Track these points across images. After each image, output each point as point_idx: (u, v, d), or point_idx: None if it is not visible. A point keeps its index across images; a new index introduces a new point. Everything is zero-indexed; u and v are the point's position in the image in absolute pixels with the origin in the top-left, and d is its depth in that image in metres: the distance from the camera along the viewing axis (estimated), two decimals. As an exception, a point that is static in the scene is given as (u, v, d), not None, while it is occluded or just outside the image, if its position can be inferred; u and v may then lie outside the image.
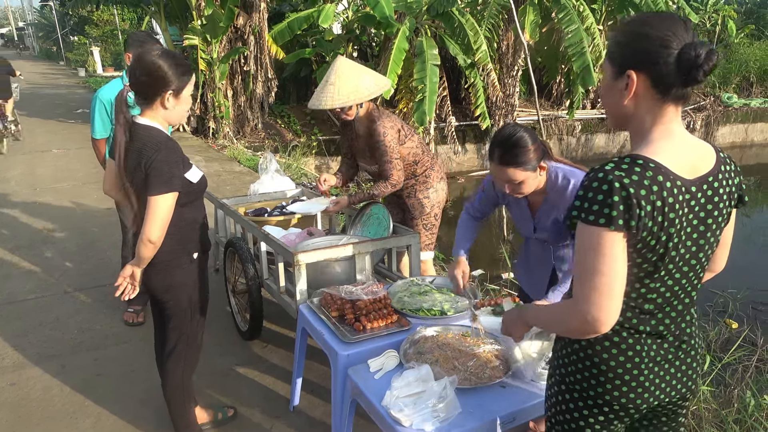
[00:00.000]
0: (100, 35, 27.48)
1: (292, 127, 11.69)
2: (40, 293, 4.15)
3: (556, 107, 13.37)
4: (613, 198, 1.14)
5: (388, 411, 1.76)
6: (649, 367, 1.31)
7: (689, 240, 1.25)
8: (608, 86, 1.28)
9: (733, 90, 15.04)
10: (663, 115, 1.23)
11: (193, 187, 2.14)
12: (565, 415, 1.40)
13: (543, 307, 1.47)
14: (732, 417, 2.68)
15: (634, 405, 1.32)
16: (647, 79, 1.20)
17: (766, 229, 7.62)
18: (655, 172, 1.17)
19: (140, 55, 2.05)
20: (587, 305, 1.18)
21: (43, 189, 7.10)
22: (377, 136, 2.99)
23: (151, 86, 2.03)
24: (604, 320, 1.18)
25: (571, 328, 1.26)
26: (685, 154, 1.23)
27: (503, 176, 2.08)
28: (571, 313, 1.23)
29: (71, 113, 13.70)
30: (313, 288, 2.69)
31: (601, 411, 1.34)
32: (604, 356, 1.30)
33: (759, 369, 3.40)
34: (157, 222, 1.98)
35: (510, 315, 1.61)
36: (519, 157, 2.02)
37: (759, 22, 20.62)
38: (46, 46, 43.52)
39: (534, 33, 10.42)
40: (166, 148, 2.02)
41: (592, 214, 1.17)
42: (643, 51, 1.19)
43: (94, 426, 2.68)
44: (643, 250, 1.20)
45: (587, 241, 1.18)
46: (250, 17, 10.09)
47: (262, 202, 3.95)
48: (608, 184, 1.15)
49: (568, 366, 1.37)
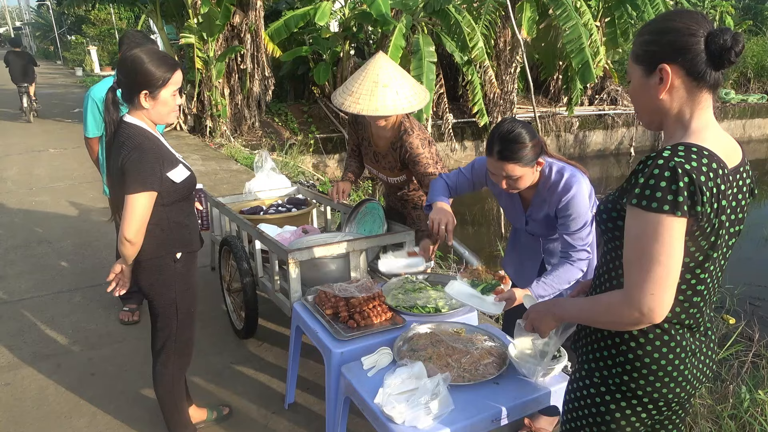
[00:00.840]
0: (97, 34, 27.40)
1: (290, 126, 11.67)
2: (36, 293, 4.13)
3: (553, 104, 13.36)
4: (678, 184, 1.14)
5: (381, 408, 1.75)
6: (689, 359, 1.32)
7: (726, 230, 1.26)
8: (640, 86, 1.29)
9: (730, 86, 15.04)
10: (700, 103, 1.25)
11: (177, 186, 2.11)
12: (592, 408, 1.40)
13: (582, 301, 1.39)
14: (727, 412, 2.67)
15: (678, 398, 1.34)
16: (680, 69, 1.22)
17: (763, 224, 7.61)
18: (709, 159, 1.18)
19: (123, 53, 2.06)
20: (642, 296, 1.17)
21: (40, 188, 7.09)
22: (415, 150, 2.78)
23: (128, 86, 2.03)
24: (659, 311, 1.18)
25: (623, 320, 1.23)
26: (725, 143, 1.26)
27: (501, 171, 2.06)
28: (623, 305, 1.21)
29: (68, 113, 13.67)
30: (307, 286, 2.69)
31: (645, 408, 1.34)
32: (655, 355, 1.30)
33: (755, 364, 3.40)
34: (132, 221, 1.97)
35: (537, 310, 1.56)
36: (518, 152, 2.01)
37: (756, 18, 20.63)
38: (44, 46, 43.40)
39: (531, 30, 10.39)
40: (143, 148, 2.00)
41: (656, 201, 1.16)
42: (672, 43, 1.22)
43: (88, 425, 2.67)
44: (699, 237, 1.21)
45: (647, 230, 1.17)
46: (247, 15, 10.06)
47: (258, 200, 3.94)
48: (671, 170, 1.15)
49: (606, 359, 1.36)
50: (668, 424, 1.46)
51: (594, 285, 1.47)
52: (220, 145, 10.08)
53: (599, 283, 1.42)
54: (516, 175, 2.06)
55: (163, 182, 2.04)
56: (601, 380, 1.38)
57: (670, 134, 1.29)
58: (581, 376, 1.43)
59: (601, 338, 1.38)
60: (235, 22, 10.00)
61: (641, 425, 1.38)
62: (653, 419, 1.39)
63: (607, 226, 1.34)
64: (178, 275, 2.21)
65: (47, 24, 40.23)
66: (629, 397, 1.34)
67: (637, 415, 1.36)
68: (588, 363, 1.41)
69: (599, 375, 1.38)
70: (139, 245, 2.04)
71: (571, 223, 2.11)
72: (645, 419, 1.37)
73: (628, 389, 1.33)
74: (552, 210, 2.16)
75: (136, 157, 1.98)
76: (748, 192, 1.32)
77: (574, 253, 2.13)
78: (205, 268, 4.33)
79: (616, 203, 1.30)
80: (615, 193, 1.33)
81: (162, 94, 2.05)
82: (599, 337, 1.38)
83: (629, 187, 1.23)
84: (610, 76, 13.25)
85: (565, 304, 1.47)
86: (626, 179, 1.26)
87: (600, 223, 1.36)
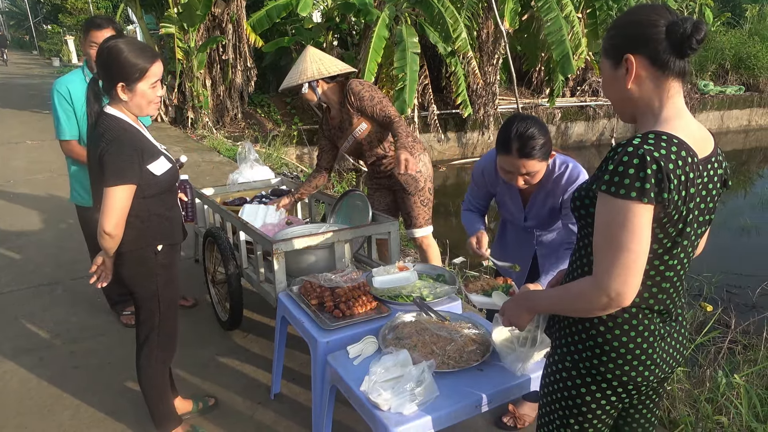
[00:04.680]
0: (74, 24, 26.85)
1: (272, 117, 11.59)
2: (15, 286, 4.08)
3: (536, 95, 13.44)
4: (646, 171, 1.17)
5: (367, 396, 1.77)
6: (658, 342, 1.35)
7: (695, 218, 1.29)
8: (609, 79, 1.34)
9: (709, 77, 15.25)
10: (668, 91, 1.28)
11: (157, 179, 2.08)
12: (564, 392, 1.42)
13: (552, 291, 1.43)
14: (704, 396, 2.74)
15: (647, 381, 1.36)
16: (644, 59, 1.27)
17: (740, 214, 7.77)
18: (678, 147, 1.21)
19: (102, 43, 2.02)
20: (611, 281, 1.20)
21: (18, 181, 6.96)
22: (356, 91, 3.08)
23: (106, 78, 2.01)
24: (628, 295, 1.21)
25: (593, 305, 1.25)
26: (695, 133, 1.29)
27: (520, 169, 2.08)
28: (592, 290, 1.24)
29: (46, 104, 13.39)
30: (292, 276, 2.69)
31: (614, 391, 1.37)
32: (616, 332, 1.33)
33: (731, 350, 3.49)
34: (110, 213, 1.95)
35: (511, 306, 1.57)
36: (537, 149, 2.03)
37: (735, 11, 20.91)
38: (18, 35, 42.44)
39: (513, 21, 10.42)
40: (121, 140, 1.97)
41: (624, 188, 1.18)
42: (634, 34, 1.27)
43: (72, 418, 2.65)
44: (667, 224, 1.24)
45: (615, 217, 1.20)
46: (228, 5, 9.94)
47: (241, 191, 3.92)
48: (640, 158, 1.18)
49: (576, 344, 1.39)
50: (641, 408, 1.49)
51: (568, 272, 1.49)
52: (202, 136, 9.98)
53: (572, 269, 1.45)
54: (535, 171, 2.09)
55: (142, 175, 2.02)
56: (572, 364, 1.40)
57: (642, 123, 1.32)
58: (554, 360, 1.47)
59: (572, 323, 1.41)
60: (216, 11, 9.88)
61: (612, 409, 1.41)
62: (623, 402, 1.42)
63: (580, 213, 1.37)
64: (160, 267, 2.19)
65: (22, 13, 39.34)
66: (599, 380, 1.37)
67: (608, 398, 1.39)
68: (560, 348, 1.44)
69: (571, 359, 1.41)
70: (119, 238, 2.02)
71: None
72: (615, 402, 1.40)
73: (598, 373, 1.36)
74: (557, 201, 2.20)
75: (114, 150, 1.95)
76: (720, 182, 1.34)
77: None
78: (189, 259, 4.30)
79: (589, 190, 1.33)
80: (588, 181, 1.36)
81: (140, 86, 2.01)
82: (571, 322, 1.41)
83: (600, 174, 1.26)
84: (591, 68, 13.34)
85: (537, 296, 1.50)
86: (598, 167, 1.29)
87: (574, 210, 1.39)
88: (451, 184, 11.10)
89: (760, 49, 15.54)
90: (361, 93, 3.09)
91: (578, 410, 1.42)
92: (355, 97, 3.10)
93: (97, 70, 2.04)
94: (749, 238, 7.19)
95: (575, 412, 1.42)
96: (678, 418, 2.61)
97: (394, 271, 2.58)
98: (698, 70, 15.07)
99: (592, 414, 1.41)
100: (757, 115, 15.33)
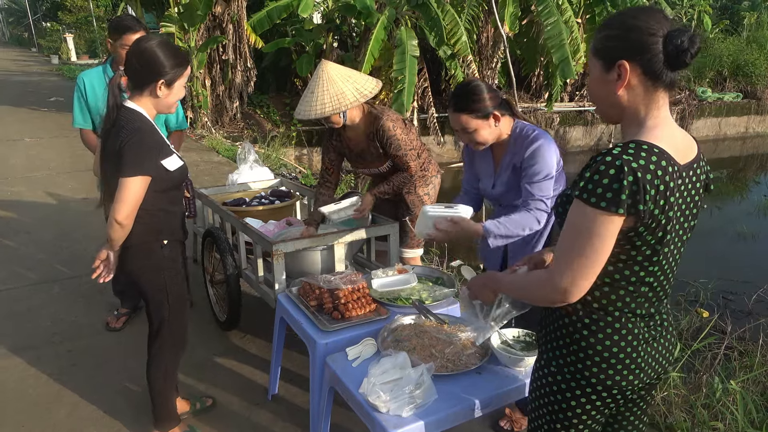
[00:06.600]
0: (73, 22, 26.83)
1: (272, 117, 11.59)
2: (13, 284, 4.07)
3: (535, 100, 13.46)
4: (621, 182, 1.18)
5: (366, 398, 1.77)
6: (642, 347, 1.35)
7: (679, 224, 1.30)
8: (598, 80, 1.32)
9: (707, 84, 15.31)
10: (655, 101, 1.28)
11: (170, 174, 2.14)
12: (551, 397, 1.43)
13: (514, 276, 1.54)
14: (700, 401, 2.76)
15: (632, 385, 1.36)
16: (638, 68, 1.25)
17: (736, 220, 7.81)
18: (659, 157, 1.21)
19: (138, 42, 2.10)
20: (562, 280, 1.26)
21: (16, 179, 6.95)
22: (388, 132, 2.84)
23: (144, 74, 2.07)
24: (575, 295, 1.27)
25: (546, 296, 1.32)
26: (678, 140, 1.29)
27: (457, 124, 2.17)
28: (546, 283, 1.31)
29: (44, 101, 13.39)
30: (291, 278, 2.70)
31: (599, 396, 1.37)
32: (606, 343, 1.33)
33: (727, 356, 3.50)
34: (125, 203, 1.99)
35: (476, 282, 1.68)
36: (472, 104, 2.12)
37: (733, 18, 21.02)
38: (17, 32, 42.35)
39: (513, 25, 10.45)
40: (142, 133, 2.03)
41: (596, 197, 1.20)
42: (632, 41, 1.24)
43: (69, 416, 2.65)
44: (644, 233, 1.24)
45: (582, 222, 1.23)
46: (229, 5, 9.94)
47: (241, 192, 3.93)
48: (617, 168, 1.18)
49: (561, 348, 1.40)
50: (629, 415, 1.49)
51: None
52: (201, 136, 9.97)
53: None
54: (471, 128, 2.15)
55: (157, 168, 2.08)
56: (557, 369, 1.41)
57: (626, 130, 1.33)
58: (540, 365, 1.48)
59: (557, 327, 1.42)
60: (216, 11, 9.88)
61: (599, 415, 1.41)
62: (609, 408, 1.41)
63: (562, 218, 1.38)
64: (166, 261, 2.23)
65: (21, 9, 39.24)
66: (584, 385, 1.37)
67: (593, 403, 1.38)
68: (546, 352, 1.45)
69: (556, 363, 1.41)
70: (128, 229, 2.06)
71: (534, 172, 2.17)
72: (601, 408, 1.40)
73: (582, 377, 1.37)
74: (519, 160, 2.22)
75: (136, 141, 2.00)
76: (702, 187, 1.35)
77: (533, 202, 2.19)
78: (188, 259, 4.30)
79: (571, 196, 1.33)
80: (570, 187, 1.37)
81: (176, 84, 2.12)
82: (556, 326, 1.42)
83: (578, 179, 1.27)
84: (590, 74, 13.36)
85: (502, 278, 1.57)
86: (578, 172, 1.31)
87: (557, 216, 1.42)
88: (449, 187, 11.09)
89: (758, 56, 15.61)
90: (391, 139, 2.85)
91: (564, 415, 1.42)
92: (385, 139, 2.86)
93: (128, 67, 2.09)
94: (745, 244, 7.22)
95: (561, 417, 1.42)
96: (674, 423, 2.62)
97: (394, 273, 2.60)
98: (696, 76, 15.12)
99: (578, 420, 1.41)
100: (755, 123, 15.40)
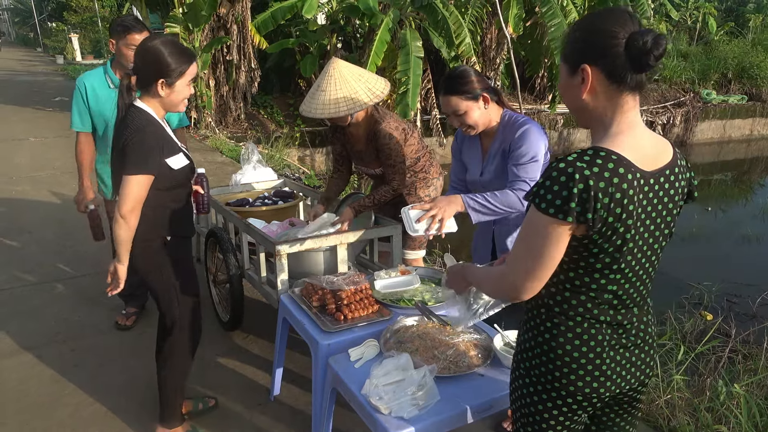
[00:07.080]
0: (79, 22, 26.94)
1: (275, 118, 11.60)
2: (15, 283, 4.08)
3: (539, 101, 13.44)
4: (571, 190, 1.16)
5: (368, 399, 1.77)
6: (610, 356, 1.33)
7: (646, 231, 1.27)
8: (565, 84, 1.31)
9: (712, 87, 15.25)
10: (622, 105, 1.25)
11: (174, 173, 2.16)
12: (530, 408, 1.41)
13: (481, 269, 1.58)
14: (704, 405, 2.74)
15: (597, 393, 1.34)
16: (600, 72, 1.22)
17: (740, 223, 7.78)
18: (616, 164, 1.19)
19: (144, 41, 2.14)
20: (514, 278, 1.30)
21: (20, 178, 6.97)
22: (382, 139, 2.82)
23: (147, 73, 2.10)
24: (526, 293, 1.30)
25: (499, 291, 1.42)
26: (646, 146, 1.26)
27: (448, 107, 2.24)
28: (501, 279, 1.36)
29: (49, 101, 13.44)
30: (294, 278, 2.69)
31: (564, 402, 1.36)
32: (567, 347, 1.32)
33: (731, 359, 3.49)
34: (128, 200, 2.02)
35: (452, 271, 1.70)
36: (461, 86, 2.19)
37: (738, 20, 20.96)
38: (23, 32, 42.55)
39: (517, 27, 10.44)
40: (145, 131, 2.05)
41: (545, 202, 1.19)
42: (593, 45, 1.22)
43: (71, 416, 2.65)
44: (600, 241, 1.22)
45: (534, 225, 1.24)
46: (233, 6, 9.95)
47: (244, 192, 3.93)
48: (567, 175, 1.17)
49: (532, 359, 1.38)
50: (611, 424, 1.46)
51: None
52: (204, 136, 9.99)
53: None
54: (461, 110, 2.21)
55: (161, 167, 2.10)
56: (526, 372, 1.40)
57: (593, 135, 1.31)
58: (513, 368, 1.47)
59: (525, 331, 1.41)
60: (221, 12, 9.90)
61: (569, 422, 1.38)
62: (578, 415, 1.38)
63: None
64: (171, 258, 2.25)
65: (27, 10, 39.44)
66: (549, 389, 1.36)
67: (559, 409, 1.36)
68: (522, 362, 1.43)
69: (524, 366, 1.40)
70: (134, 227, 2.07)
71: (521, 153, 2.19)
72: (570, 415, 1.37)
73: (546, 381, 1.35)
74: (507, 144, 2.25)
75: (138, 140, 2.03)
76: (680, 194, 1.31)
77: (517, 182, 2.20)
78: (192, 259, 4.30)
79: None
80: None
81: (178, 83, 2.13)
82: (525, 329, 1.42)
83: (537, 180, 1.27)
84: (594, 75, 13.34)
85: (471, 270, 1.59)
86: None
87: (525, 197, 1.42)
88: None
89: (763, 59, 15.54)
90: (383, 147, 2.84)
91: (533, 419, 1.41)
92: (379, 144, 2.86)
93: (135, 67, 2.13)
94: (750, 247, 7.19)
95: (531, 420, 1.42)
96: (678, 426, 2.61)
97: (396, 274, 2.60)
98: (701, 79, 15.08)
99: (546, 425, 1.39)
100: (760, 125, 15.33)
